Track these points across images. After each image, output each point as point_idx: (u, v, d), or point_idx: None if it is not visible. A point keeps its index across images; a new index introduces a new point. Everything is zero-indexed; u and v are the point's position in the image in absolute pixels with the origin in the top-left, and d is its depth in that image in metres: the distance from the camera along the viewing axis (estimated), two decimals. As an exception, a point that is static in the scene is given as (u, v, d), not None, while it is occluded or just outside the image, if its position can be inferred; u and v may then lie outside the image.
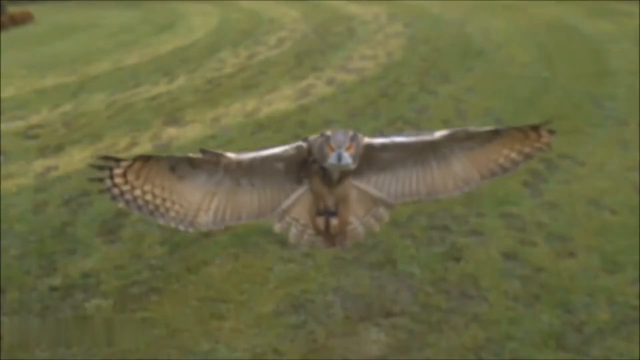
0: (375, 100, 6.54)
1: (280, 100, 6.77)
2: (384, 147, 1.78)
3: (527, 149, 1.74)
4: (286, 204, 1.87)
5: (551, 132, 1.70)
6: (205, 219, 1.74)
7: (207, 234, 3.91)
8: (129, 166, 1.55)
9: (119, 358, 2.85)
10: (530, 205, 4.15)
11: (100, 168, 1.54)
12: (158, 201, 1.65)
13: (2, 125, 6.40)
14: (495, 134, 1.73)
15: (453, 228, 3.87)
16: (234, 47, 9.86)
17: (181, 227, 1.70)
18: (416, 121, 5.84)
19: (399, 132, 1.87)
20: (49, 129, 6.24)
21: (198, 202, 1.72)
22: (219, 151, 1.65)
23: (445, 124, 5.77)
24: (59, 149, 5.62)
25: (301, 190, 1.87)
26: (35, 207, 4.43)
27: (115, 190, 1.57)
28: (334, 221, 1.82)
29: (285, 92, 7.13)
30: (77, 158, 5.34)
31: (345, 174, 1.75)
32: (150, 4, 15.82)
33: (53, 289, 3.39)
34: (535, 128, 1.70)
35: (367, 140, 1.75)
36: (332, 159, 1.68)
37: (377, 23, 11.31)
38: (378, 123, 5.83)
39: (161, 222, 1.67)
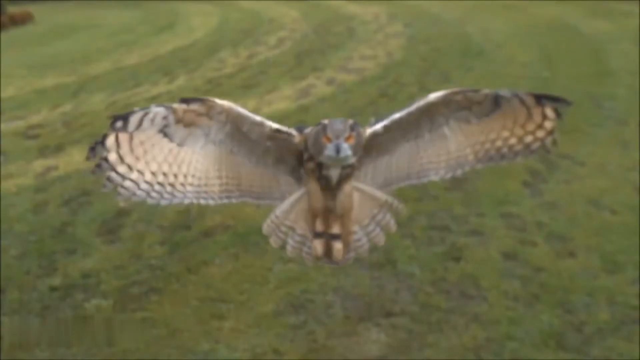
0: (375, 100, 6.54)
1: (280, 100, 6.77)
2: (386, 130, 1.63)
3: (528, 138, 1.55)
4: (280, 209, 1.71)
5: (557, 112, 1.51)
6: (220, 189, 1.62)
7: (207, 234, 3.92)
8: (116, 143, 1.40)
9: (119, 358, 2.85)
10: (530, 205, 4.15)
11: (98, 166, 1.40)
12: (171, 179, 1.51)
13: (2, 125, 6.40)
14: (495, 104, 1.53)
15: (453, 228, 3.86)
16: (234, 47, 9.86)
17: (203, 201, 1.59)
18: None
19: (392, 111, 1.65)
20: (49, 129, 6.24)
21: (208, 169, 1.58)
22: (209, 98, 1.53)
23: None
24: (59, 149, 5.62)
25: (297, 194, 1.71)
26: (35, 207, 4.43)
27: (127, 183, 1.43)
28: (338, 245, 1.67)
29: (285, 92, 7.13)
30: (77, 158, 5.34)
31: (346, 174, 1.61)
32: (150, 4, 15.82)
33: (53, 289, 3.39)
34: (539, 101, 1.49)
35: (369, 130, 1.62)
36: (328, 150, 1.53)
37: (377, 23, 11.31)
38: (378, 123, 5.82)
39: (186, 202, 1.56)
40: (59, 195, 4.59)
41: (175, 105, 1.47)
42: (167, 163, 1.50)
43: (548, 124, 1.53)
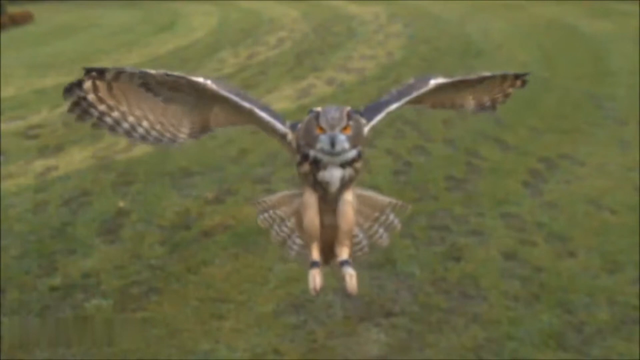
0: (375, 100, 6.53)
1: (280, 100, 6.77)
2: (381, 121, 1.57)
3: (485, 99, 1.73)
4: (271, 199, 1.59)
5: (523, 83, 1.71)
6: (184, 135, 1.54)
7: (207, 234, 3.92)
8: (94, 87, 1.36)
9: (119, 358, 2.85)
10: (530, 205, 4.15)
11: (76, 104, 1.36)
12: (158, 127, 1.47)
13: (2, 125, 6.40)
14: (480, 81, 1.67)
15: (453, 228, 3.86)
16: (234, 47, 9.86)
17: (162, 143, 1.52)
18: (416, 121, 5.83)
19: (387, 97, 1.65)
20: (49, 129, 6.24)
21: (179, 120, 1.52)
22: (198, 78, 1.48)
23: (445, 123, 5.78)
24: (59, 149, 5.62)
25: (293, 190, 1.58)
26: (35, 207, 4.43)
27: (108, 119, 1.39)
28: (350, 271, 1.45)
29: (285, 92, 7.13)
30: (77, 158, 5.34)
31: (349, 177, 1.40)
32: (150, 4, 15.82)
33: (53, 289, 3.39)
34: (517, 77, 1.69)
35: (369, 126, 1.50)
36: (322, 143, 1.35)
37: (377, 23, 11.31)
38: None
39: (140, 143, 1.52)
40: (59, 195, 4.59)
41: (153, 72, 1.39)
42: (152, 114, 1.45)
43: (510, 90, 1.72)
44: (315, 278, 1.47)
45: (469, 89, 1.69)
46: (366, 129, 1.49)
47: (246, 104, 1.47)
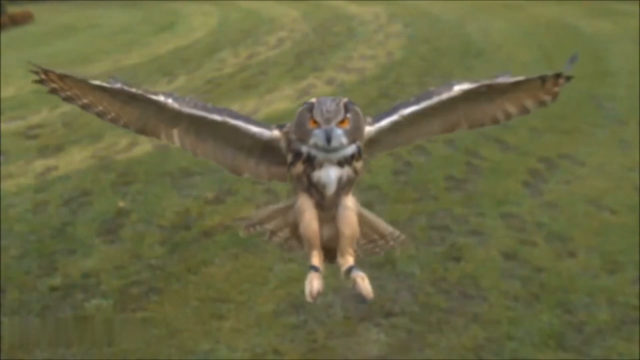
0: (375, 100, 6.54)
1: (280, 100, 6.77)
2: (394, 126, 1.40)
3: (529, 103, 1.48)
4: (257, 215, 1.50)
5: (568, 78, 1.44)
6: (170, 141, 1.49)
7: (207, 234, 3.92)
8: (50, 80, 1.38)
9: (119, 358, 2.85)
10: (530, 205, 4.15)
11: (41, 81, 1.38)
12: (113, 114, 1.43)
13: (2, 125, 6.40)
14: (516, 85, 1.45)
15: (453, 228, 3.86)
16: (234, 47, 9.85)
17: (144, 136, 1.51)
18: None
19: (403, 101, 1.46)
20: (49, 129, 6.24)
21: (153, 127, 1.46)
22: (153, 93, 1.38)
23: (445, 124, 5.77)
24: (59, 149, 5.62)
25: (281, 204, 1.47)
26: (35, 207, 4.43)
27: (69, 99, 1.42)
28: (359, 273, 1.34)
29: (285, 92, 7.13)
30: (77, 158, 5.34)
31: (347, 178, 1.29)
32: (150, 4, 15.82)
33: (53, 289, 3.39)
34: (558, 76, 1.44)
35: (375, 126, 1.39)
36: (316, 138, 1.24)
37: (377, 23, 11.31)
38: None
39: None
40: (59, 195, 4.59)
41: (105, 85, 1.38)
42: (112, 109, 1.43)
43: (556, 89, 1.47)
44: (313, 282, 1.33)
45: (505, 98, 1.48)
46: (372, 128, 1.38)
47: (216, 117, 1.38)
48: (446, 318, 3.02)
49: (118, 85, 1.38)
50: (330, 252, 1.44)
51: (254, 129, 1.37)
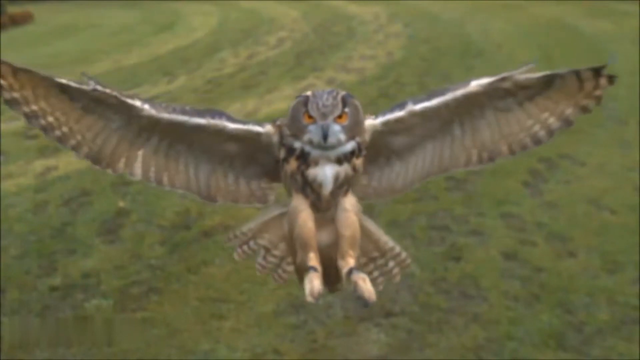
0: (375, 100, 6.54)
1: (280, 100, 6.76)
2: (399, 122, 1.27)
3: (569, 110, 1.32)
4: (248, 227, 1.38)
5: (611, 78, 1.29)
6: (129, 170, 1.33)
7: (207, 234, 3.92)
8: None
9: (119, 358, 2.85)
10: (530, 205, 4.15)
11: None
12: (65, 129, 1.28)
13: (2, 125, 6.39)
14: (545, 85, 1.28)
15: (453, 228, 3.86)
16: (234, 47, 9.86)
17: (97, 166, 1.34)
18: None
19: (414, 96, 1.32)
20: (49, 129, 6.23)
21: (112, 148, 1.30)
22: (129, 97, 1.24)
23: (445, 124, 5.77)
24: (58, 149, 5.59)
25: (275, 210, 1.36)
26: (35, 207, 4.43)
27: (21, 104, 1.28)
28: (361, 275, 1.22)
29: (285, 92, 7.13)
30: (77, 158, 5.33)
31: (345, 176, 1.20)
32: (150, 4, 15.82)
33: (53, 289, 3.39)
34: (597, 73, 1.27)
35: (378, 120, 1.27)
36: (312, 134, 1.16)
37: (377, 23, 11.31)
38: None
39: (74, 153, 1.34)
40: (59, 195, 4.59)
41: (75, 85, 1.25)
42: (64, 115, 1.28)
43: (598, 92, 1.30)
44: (313, 282, 1.21)
45: (538, 103, 1.32)
46: (375, 122, 1.27)
47: (199, 120, 1.26)
48: (446, 318, 3.02)
49: (91, 86, 1.24)
50: (329, 274, 1.31)
51: (244, 126, 1.28)
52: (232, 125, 1.27)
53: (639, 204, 4.03)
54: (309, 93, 1.20)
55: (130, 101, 1.24)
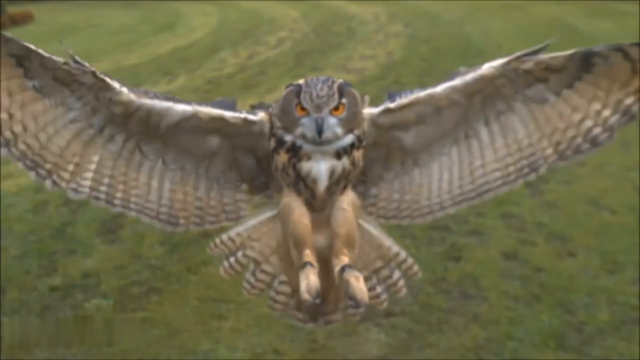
0: (376, 101, 6.54)
1: (280, 100, 6.77)
2: (404, 112, 1.10)
3: (629, 100, 1.05)
4: (236, 231, 1.25)
5: None
6: (75, 182, 1.09)
7: (207, 234, 3.91)
8: None
9: (119, 358, 2.85)
10: (530, 205, 4.15)
11: None
12: (3, 115, 1.06)
13: (2, 125, 6.40)
14: (583, 68, 1.02)
15: (453, 228, 3.86)
16: (234, 47, 9.86)
17: (32, 174, 1.11)
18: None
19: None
20: (49, 129, 6.23)
21: (61, 148, 1.06)
22: (107, 76, 1.03)
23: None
24: (59, 149, 5.62)
25: (268, 212, 1.20)
26: (35, 207, 4.43)
27: None
28: (354, 272, 1.06)
29: (285, 92, 7.14)
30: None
31: (342, 172, 1.04)
32: (150, 4, 15.82)
33: (53, 289, 3.39)
34: None
35: (378, 108, 1.13)
36: (305, 128, 1.00)
37: (377, 23, 11.31)
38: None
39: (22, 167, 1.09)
40: (59, 195, 4.58)
41: (32, 48, 1.03)
42: (8, 101, 1.05)
43: None
44: (309, 277, 1.05)
45: (579, 91, 1.11)
46: (374, 111, 1.14)
47: (184, 107, 1.08)
48: (446, 318, 3.02)
49: (61, 59, 1.00)
50: (326, 299, 1.15)
51: (237, 114, 1.11)
52: (227, 113, 1.10)
53: (639, 204, 4.03)
54: (301, 82, 1.07)
55: (109, 80, 1.04)
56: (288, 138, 1.04)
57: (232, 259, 1.27)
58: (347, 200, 1.12)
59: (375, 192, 1.22)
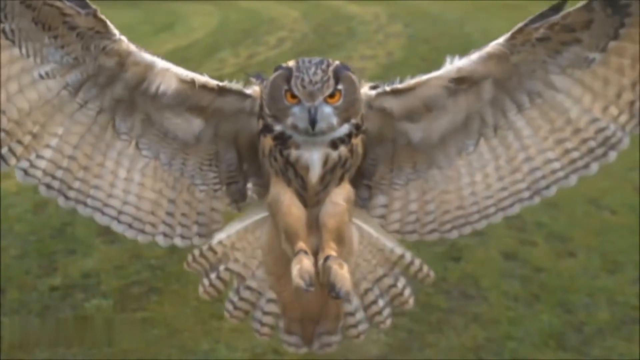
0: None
1: (280, 100, 6.77)
2: (406, 98, 0.95)
3: None
4: (220, 236, 1.09)
5: None
6: (30, 157, 0.95)
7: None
8: None
9: (119, 358, 2.85)
10: (530, 205, 4.14)
11: None
12: None
13: (2, 125, 6.40)
14: (617, 20, 0.85)
15: (453, 228, 3.86)
16: (234, 47, 9.86)
17: None
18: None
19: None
20: (49, 129, 6.23)
21: (23, 111, 0.89)
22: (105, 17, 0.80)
23: (445, 124, 5.78)
24: (59, 149, 5.62)
25: (255, 215, 1.05)
26: (35, 207, 4.42)
27: None
28: (337, 260, 0.94)
29: (285, 92, 7.14)
30: None
31: (338, 161, 0.91)
32: (150, 4, 15.82)
33: (53, 289, 3.39)
34: None
35: (376, 90, 1.00)
36: (296, 118, 0.88)
37: (377, 23, 11.31)
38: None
39: None
40: (59, 195, 4.59)
41: None
42: None
43: None
44: (302, 261, 0.92)
45: (630, 37, 0.88)
46: (371, 92, 1.01)
47: (180, 71, 0.95)
48: (446, 318, 3.02)
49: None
50: (322, 317, 1.03)
51: (232, 85, 0.94)
52: (220, 83, 0.93)
53: (639, 204, 4.03)
54: (291, 64, 0.91)
55: (110, 24, 0.83)
56: (277, 128, 0.92)
57: (212, 275, 1.09)
58: (343, 194, 0.97)
59: (384, 201, 1.04)
